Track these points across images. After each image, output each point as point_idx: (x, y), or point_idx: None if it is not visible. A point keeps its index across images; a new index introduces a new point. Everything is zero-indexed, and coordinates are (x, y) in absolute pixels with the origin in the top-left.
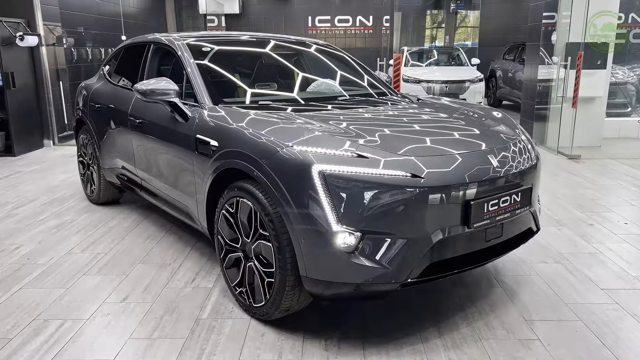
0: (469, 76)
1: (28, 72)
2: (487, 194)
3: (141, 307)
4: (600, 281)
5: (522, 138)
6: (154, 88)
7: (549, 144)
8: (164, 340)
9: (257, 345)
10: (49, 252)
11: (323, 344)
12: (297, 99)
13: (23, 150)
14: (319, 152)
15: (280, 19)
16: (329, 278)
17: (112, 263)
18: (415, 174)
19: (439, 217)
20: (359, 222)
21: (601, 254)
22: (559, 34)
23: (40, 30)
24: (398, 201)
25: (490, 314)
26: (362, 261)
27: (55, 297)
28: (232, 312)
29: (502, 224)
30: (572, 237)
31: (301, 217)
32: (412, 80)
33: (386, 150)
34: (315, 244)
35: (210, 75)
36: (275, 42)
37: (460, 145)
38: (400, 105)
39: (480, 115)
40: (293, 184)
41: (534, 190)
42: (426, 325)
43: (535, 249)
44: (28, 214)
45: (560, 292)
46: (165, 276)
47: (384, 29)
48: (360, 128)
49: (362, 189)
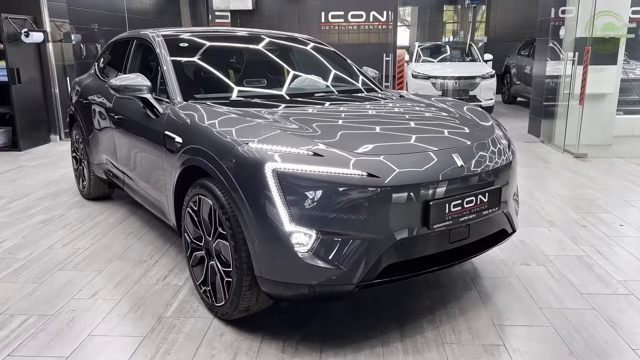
0: (480, 72)
1: (34, 68)
2: (449, 194)
3: (108, 304)
4: (582, 285)
5: (496, 135)
6: (127, 84)
7: (556, 142)
8: (122, 338)
9: (213, 346)
10: (31, 246)
11: (281, 345)
12: (271, 95)
13: (29, 145)
14: (274, 150)
15: (294, 14)
16: (284, 279)
17: (89, 259)
18: (372, 174)
19: (396, 218)
20: (313, 222)
21: (588, 256)
22: (567, 29)
23: (46, 27)
24: (353, 201)
25: (459, 318)
26: (316, 262)
27: (26, 292)
28: (196, 311)
29: (469, 225)
30: (562, 238)
31: (254, 216)
32: (422, 77)
33: (345, 148)
34: (269, 244)
35: (186, 71)
36: (258, 38)
37: (424, 144)
38: (377, 102)
39: (455, 112)
40: (247, 181)
41: (507, 190)
42: (390, 327)
43: (520, 250)
44: (20, 208)
45: (537, 296)
46: (139, 273)
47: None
48: (325, 125)
49: (317, 188)
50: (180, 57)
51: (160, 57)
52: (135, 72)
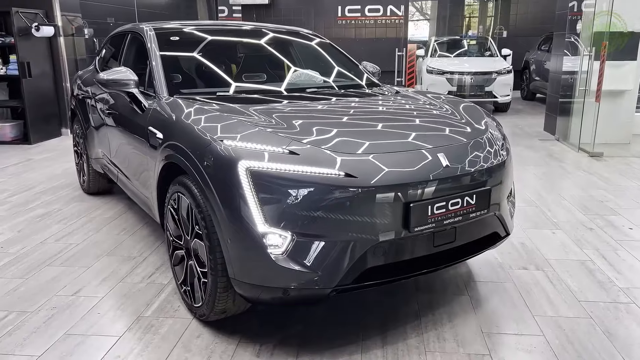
0: (496, 67)
1: (46, 62)
2: (432, 196)
3: (89, 302)
4: (580, 292)
5: (489, 134)
6: (114, 78)
7: (571, 140)
8: (97, 338)
9: (188, 348)
10: (24, 241)
11: (257, 349)
12: (260, 90)
13: (39, 139)
14: (248, 147)
15: (310, 8)
16: (257, 281)
17: (79, 254)
18: (349, 173)
19: (375, 220)
20: (287, 223)
21: (591, 261)
22: (585, 23)
23: (58, 21)
24: (329, 202)
25: (446, 324)
26: (290, 265)
27: (12, 288)
28: (176, 311)
29: (455, 228)
30: (565, 241)
31: (227, 215)
32: (436, 72)
33: (322, 147)
34: (242, 245)
35: (174, 66)
36: (253, 32)
37: (408, 143)
38: (368, 98)
39: (448, 109)
40: (220, 180)
41: (499, 191)
42: (373, 332)
43: (519, 253)
44: (20, 201)
45: (531, 302)
46: (125, 270)
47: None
48: (307, 123)
49: (291, 188)
50: (170, 51)
51: (150, 51)
52: (128, 66)
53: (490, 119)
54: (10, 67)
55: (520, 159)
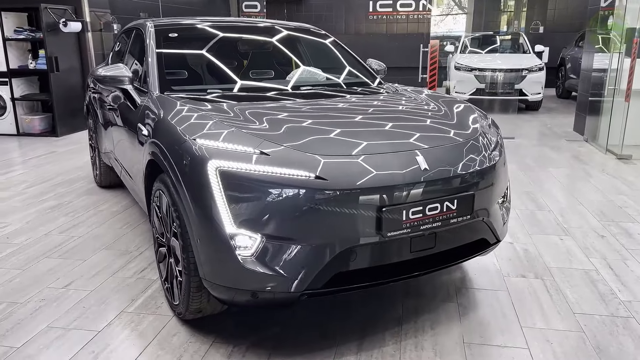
0: (527, 64)
1: (74, 57)
2: (408, 200)
3: (77, 295)
4: (577, 304)
5: (478, 136)
6: (109, 74)
7: (599, 142)
8: (77, 332)
9: (162, 346)
10: (29, 232)
11: (229, 350)
12: (250, 88)
13: (66, 132)
14: (219, 147)
15: (341, 4)
16: (226, 283)
17: (79, 247)
18: (320, 176)
19: (345, 224)
20: (256, 225)
21: (596, 271)
22: (616, 19)
23: (86, 17)
24: (299, 204)
25: (427, 332)
26: (258, 267)
27: (8, 278)
28: (158, 308)
29: (435, 233)
30: (572, 249)
31: (197, 215)
32: (464, 69)
33: (295, 148)
34: (211, 246)
35: (169, 63)
36: (253, 28)
37: (386, 145)
38: (362, 97)
39: (440, 110)
40: (191, 179)
41: (487, 196)
42: (350, 337)
43: (520, 260)
44: (36, 193)
45: (522, 313)
46: (119, 264)
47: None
48: (286, 122)
49: (260, 189)
50: (167, 48)
51: (147, 47)
52: (131, 63)
53: (484, 120)
54: (39, 61)
55: (542, 160)
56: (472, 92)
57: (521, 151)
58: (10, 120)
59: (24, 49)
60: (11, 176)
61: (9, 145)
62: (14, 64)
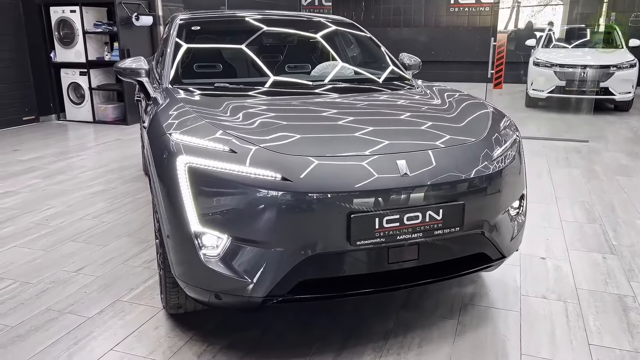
0: (617, 60)
1: (146, 49)
2: (382, 208)
3: (84, 280)
4: (598, 333)
5: (484, 139)
6: (126, 67)
7: None
8: (69, 316)
9: (140, 338)
10: (66, 215)
11: (202, 349)
12: (256, 83)
13: (135, 120)
14: (191, 143)
15: None
16: (191, 281)
17: (104, 233)
18: (286, 177)
19: (312, 229)
20: (221, 224)
21: (633, 297)
22: None
23: (159, 11)
24: (263, 206)
25: (413, 350)
26: (221, 268)
27: (31, 259)
28: (152, 299)
29: (418, 244)
30: (613, 270)
31: (167, 210)
32: (543, 64)
33: (264, 146)
34: (178, 243)
35: (184, 56)
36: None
37: (365, 146)
38: (367, 94)
39: (450, 110)
40: (163, 174)
41: (490, 206)
42: (329, 348)
43: (547, 277)
44: (87, 178)
45: (528, 339)
46: (133, 252)
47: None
48: (269, 119)
49: (226, 188)
50: (185, 41)
51: (169, 40)
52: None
53: (500, 123)
54: (114, 53)
55: (612, 168)
56: (551, 90)
57: (591, 156)
58: (88, 108)
59: (102, 41)
60: (73, 161)
61: (84, 131)
62: (92, 56)
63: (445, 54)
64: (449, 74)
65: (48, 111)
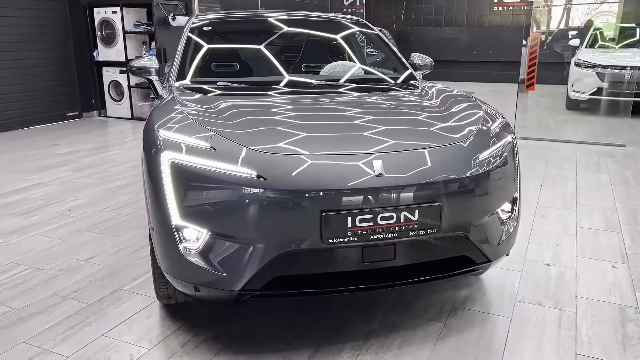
0: None
1: None
2: (355, 207)
3: (91, 268)
4: (589, 343)
5: (470, 142)
6: (138, 65)
7: None
8: (69, 302)
9: (130, 326)
10: (88, 207)
11: (187, 340)
12: (260, 82)
13: None
14: (175, 139)
15: None
16: (172, 273)
17: (120, 225)
18: (260, 175)
19: (285, 226)
20: (200, 219)
21: (636, 309)
22: None
23: (195, 11)
24: (239, 202)
25: (392, 351)
26: (199, 261)
27: (47, 247)
28: (150, 290)
29: (394, 245)
30: (620, 280)
31: (151, 205)
32: (585, 65)
33: (242, 144)
34: (161, 236)
35: (192, 56)
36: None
37: (341, 145)
38: (364, 94)
39: (442, 110)
40: (150, 168)
41: (473, 208)
42: (308, 345)
43: (548, 284)
44: (114, 172)
45: (513, 346)
46: (143, 244)
47: None
48: (256, 118)
49: (205, 183)
50: (194, 41)
51: (181, 40)
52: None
53: (492, 125)
54: (151, 52)
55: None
56: (593, 92)
57: (626, 161)
58: (127, 105)
59: (140, 41)
60: (105, 155)
61: (122, 127)
62: (132, 55)
63: (488, 54)
64: (490, 75)
65: (90, 108)
